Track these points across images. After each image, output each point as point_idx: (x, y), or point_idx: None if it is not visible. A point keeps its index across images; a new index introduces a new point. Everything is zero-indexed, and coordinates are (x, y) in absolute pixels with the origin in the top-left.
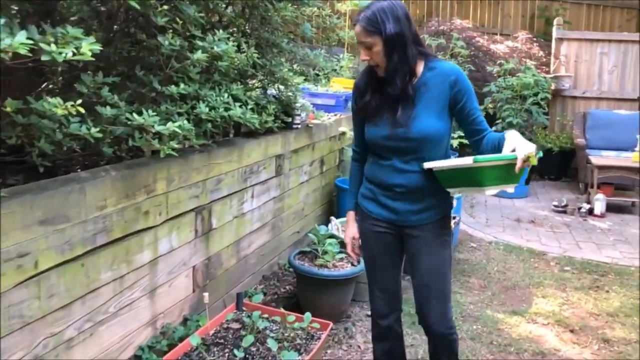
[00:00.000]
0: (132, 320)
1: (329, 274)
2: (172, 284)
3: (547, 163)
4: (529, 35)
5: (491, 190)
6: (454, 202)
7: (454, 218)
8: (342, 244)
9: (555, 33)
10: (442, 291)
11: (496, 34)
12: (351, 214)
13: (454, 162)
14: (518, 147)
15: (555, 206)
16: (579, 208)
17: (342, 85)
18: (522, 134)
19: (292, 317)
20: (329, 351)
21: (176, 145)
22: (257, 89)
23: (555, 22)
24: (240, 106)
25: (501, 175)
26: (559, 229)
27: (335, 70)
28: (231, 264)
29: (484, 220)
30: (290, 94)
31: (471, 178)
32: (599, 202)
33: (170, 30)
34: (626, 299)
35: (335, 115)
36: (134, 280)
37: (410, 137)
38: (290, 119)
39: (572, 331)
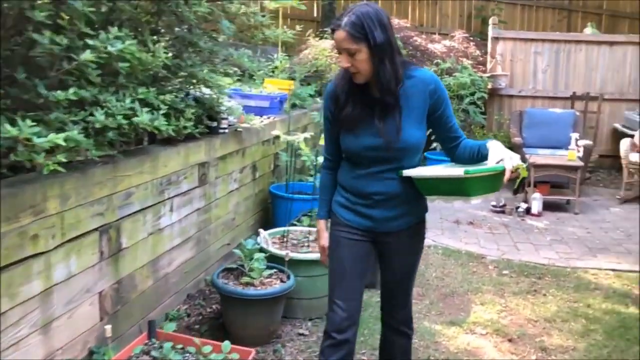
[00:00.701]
0: None
1: (255, 293)
2: (72, 314)
3: None
4: (465, 34)
5: (476, 200)
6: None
7: None
8: (272, 258)
9: (491, 32)
10: (408, 291)
11: (435, 34)
12: (322, 223)
13: (441, 172)
14: (505, 158)
15: (493, 206)
16: (517, 207)
17: (277, 86)
18: None
19: (208, 347)
20: None
21: (64, 160)
22: (171, 93)
23: (490, 21)
24: (150, 111)
25: (487, 185)
26: (498, 229)
27: (265, 71)
28: (148, 286)
29: None
30: (213, 96)
31: (458, 188)
32: (536, 201)
33: (54, 27)
34: (562, 302)
35: (269, 118)
36: (20, 315)
37: (397, 147)
38: (215, 124)
39: (510, 340)
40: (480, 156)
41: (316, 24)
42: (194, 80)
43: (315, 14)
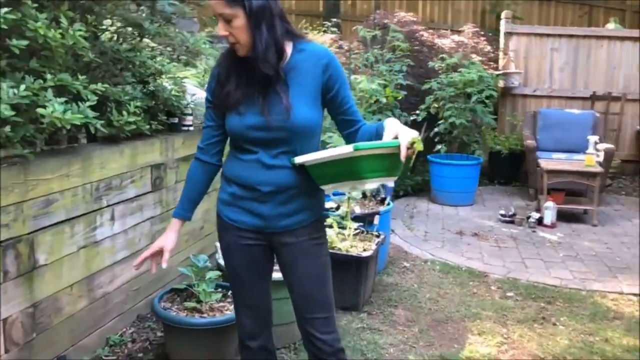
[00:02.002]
0: None
1: (199, 322)
2: None
3: (496, 167)
4: (475, 28)
5: (371, 184)
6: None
7: (379, 236)
8: (224, 277)
9: (503, 27)
10: (325, 300)
11: (446, 30)
12: (174, 222)
13: (330, 152)
14: (400, 133)
15: (502, 215)
16: (528, 217)
17: None
18: (467, 135)
19: None
20: None
21: None
22: (105, 82)
23: (503, 15)
24: (66, 102)
25: (383, 165)
26: (505, 243)
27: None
28: (79, 307)
29: (422, 232)
30: (169, 88)
31: (350, 169)
32: (549, 210)
33: None
34: (575, 334)
35: None
36: None
37: (285, 126)
38: (176, 120)
39: None
40: (379, 138)
41: (322, 19)
42: (148, 71)
43: (320, 9)
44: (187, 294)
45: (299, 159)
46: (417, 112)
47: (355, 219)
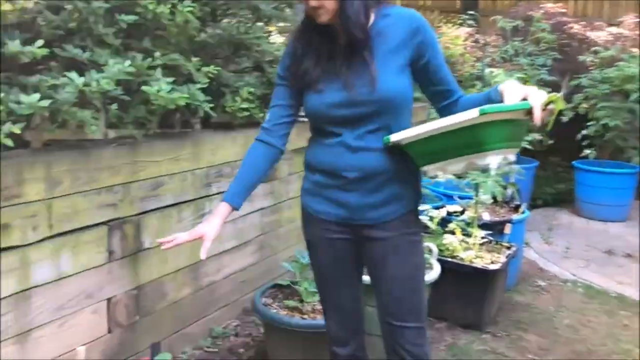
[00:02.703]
0: None
1: (297, 323)
2: (64, 323)
3: None
4: (638, 19)
5: (493, 157)
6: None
7: (510, 248)
8: None
9: None
10: (416, 307)
11: (601, 23)
12: (221, 207)
13: (443, 122)
14: (531, 94)
15: None
16: None
17: None
18: (623, 139)
19: None
20: None
21: (17, 131)
22: (219, 66)
23: None
24: (175, 82)
25: (509, 133)
26: None
27: None
28: (183, 295)
29: (562, 248)
30: None
31: (469, 140)
32: None
33: None
34: None
35: None
36: None
37: (373, 98)
38: None
39: None
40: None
41: (458, 13)
42: (265, 57)
43: (457, 6)
44: (290, 292)
45: (396, 136)
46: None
47: (483, 226)
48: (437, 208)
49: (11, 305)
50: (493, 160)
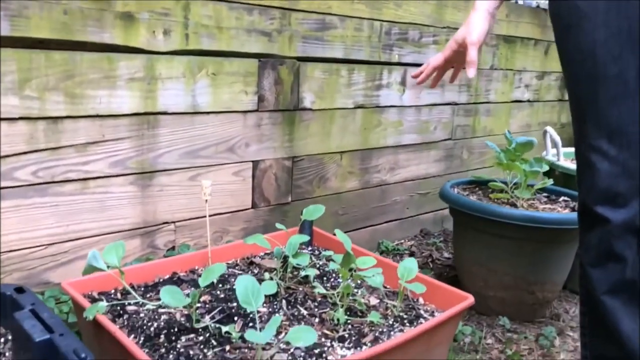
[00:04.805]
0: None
1: (511, 213)
2: (196, 176)
3: None
4: None
5: None
6: None
7: None
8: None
9: None
10: None
11: None
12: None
13: None
14: None
15: None
16: None
17: None
18: None
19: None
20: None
21: None
22: None
23: None
24: None
25: None
26: None
27: None
28: (347, 186)
29: None
30: None
31: None
32: None
33: None
34: None
35: None
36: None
37: None
38: None
39: None
40: None
41: None
42: None
43: None
44: (494, 188)
45: None
46: None
47: None
48: None
49: (134, 128)
50: None
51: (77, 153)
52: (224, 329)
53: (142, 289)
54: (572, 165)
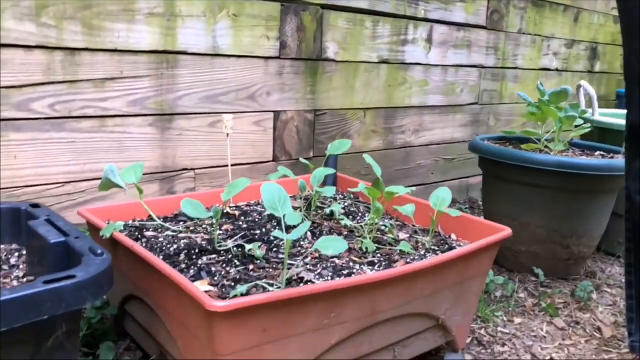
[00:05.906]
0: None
1: (560, 160)
2: (215, 123)
3: None
4: None
5: None
6: None
7: None
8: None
9: None
10: None
11: None
12: None
13: None
14: None
15: None
16: None
17: None
18: None
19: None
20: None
21: None
22: None
23: None
24: None
25: None
26: None
27: None
28: (372, 146)
29: None
30: None
31: None
32: None
33: None
34: None
35: None
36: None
37: None
38: None
39: None
40: None
41: None
42: None
43: None
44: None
45: None
46: None
47: None
48: None
49: (153, 66)
50: None
51: (95, 88)
52: (248, 247)
53: (162, 219)
54: (608, 120)
